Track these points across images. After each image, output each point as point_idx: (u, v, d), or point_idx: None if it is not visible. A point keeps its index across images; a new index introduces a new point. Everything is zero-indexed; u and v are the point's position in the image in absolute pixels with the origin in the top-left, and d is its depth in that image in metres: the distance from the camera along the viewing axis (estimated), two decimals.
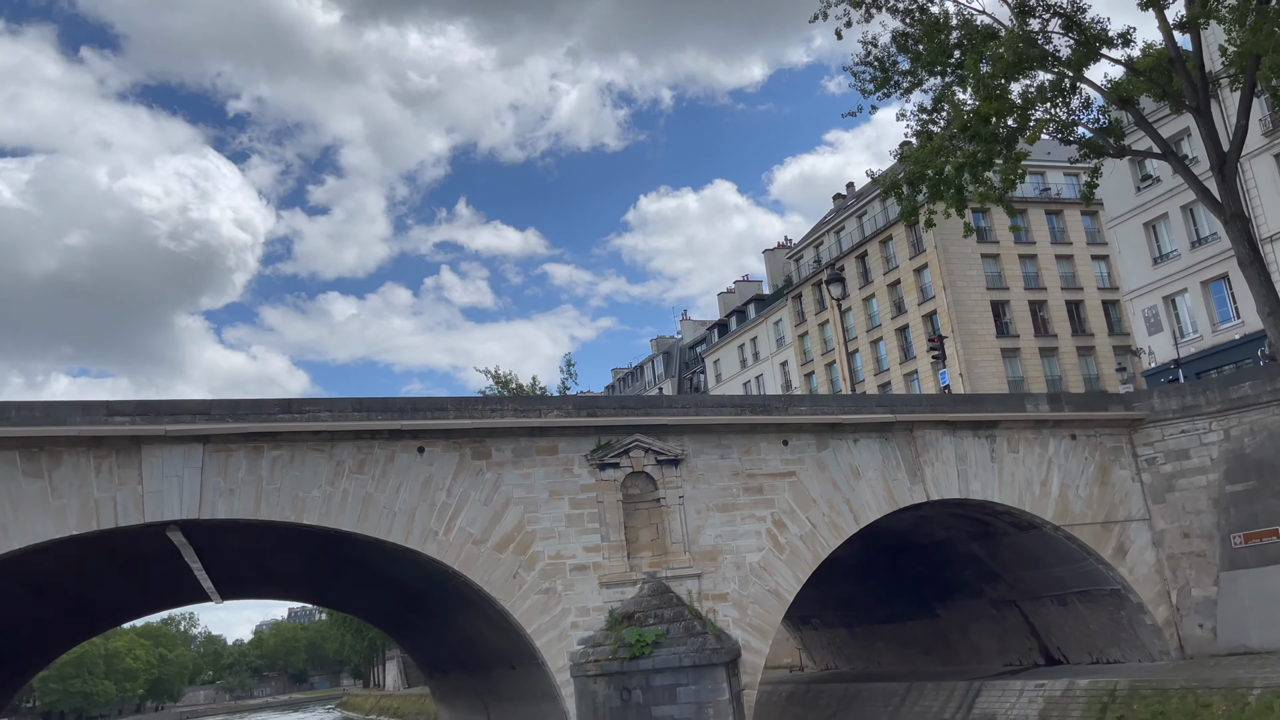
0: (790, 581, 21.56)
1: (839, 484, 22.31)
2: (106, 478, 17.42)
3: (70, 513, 17.18)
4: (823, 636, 37.39)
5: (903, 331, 51.69)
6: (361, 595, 30.51)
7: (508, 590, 19.28)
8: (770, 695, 35.01)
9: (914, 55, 24.49)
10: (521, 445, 19.96)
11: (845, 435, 22.60)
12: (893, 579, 30.79)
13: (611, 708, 18.33)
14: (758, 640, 20.81)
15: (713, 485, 21.22)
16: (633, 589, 19.85)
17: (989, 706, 24.36)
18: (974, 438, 23.61)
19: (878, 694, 29.04)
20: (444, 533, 19.05)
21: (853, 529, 22.35)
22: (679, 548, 20.55)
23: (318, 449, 18.69)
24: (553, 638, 19.31)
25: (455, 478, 19.36)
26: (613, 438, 20.56)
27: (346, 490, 18.71)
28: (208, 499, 17.96)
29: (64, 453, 17.26)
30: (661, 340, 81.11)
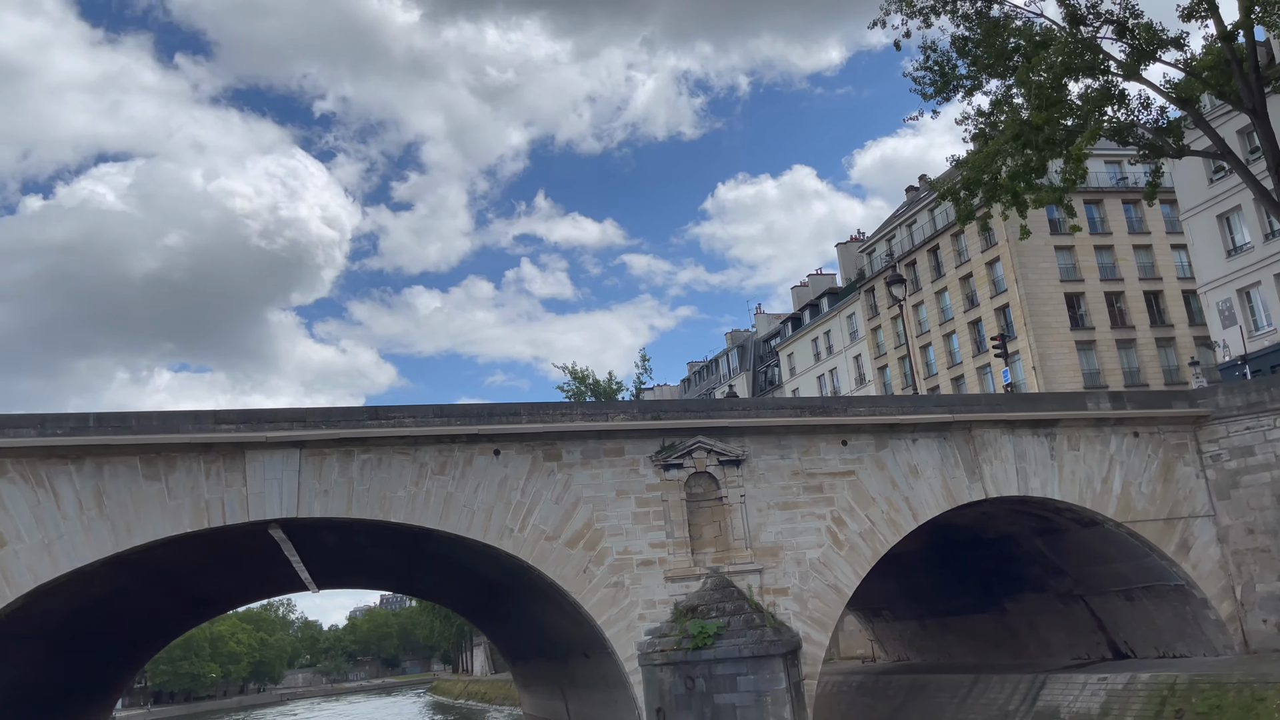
0: (849, 577, 22.38)
1: (897, 482, 23.03)
2: (215, 480, 19.20)
3: (184, 512, 19.01)
4: (894, 628, 37.93)
5: (975, 325, 51.48)
6: (447, 585, 32.27)
7: (579, 584, 20.55)
8: (841, 685, 35.82)
9: (973, 59, 24.93)
10: (590, 447, 21.19)
11: (904, 435, 23.28)
12: (960, 573, 31.26)
13: (676, 695, 19.46)
14: (818, 633, 21.69)
15: (773, 484, 22.15)
16: (696, 583, 20.93)
17: (1052, 699, 24.80)
18: (1033, 436, 24.04)
19: (945, 686, 29.61)
20: (519, 529, 20.41)
21: (911, 526, 23.04)
22: (741, 544, 21.55)
23: (403, 452, 20.21)
24: (621, 628, 20.52)
25: (529, 478, 20.69)
26: (676, 439, 21.65)
27: (429, 490, 20.19)
28: (304, 499, 19.62)
29: (178, 458, 19.09)
30: (736, 334, 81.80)
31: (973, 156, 23.56)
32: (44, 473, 18.43)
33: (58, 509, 18.38)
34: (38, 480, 18.38)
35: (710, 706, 19.05)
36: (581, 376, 61.84)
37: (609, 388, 62.37)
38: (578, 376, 61.78)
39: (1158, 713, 21.64)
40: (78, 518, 18.44)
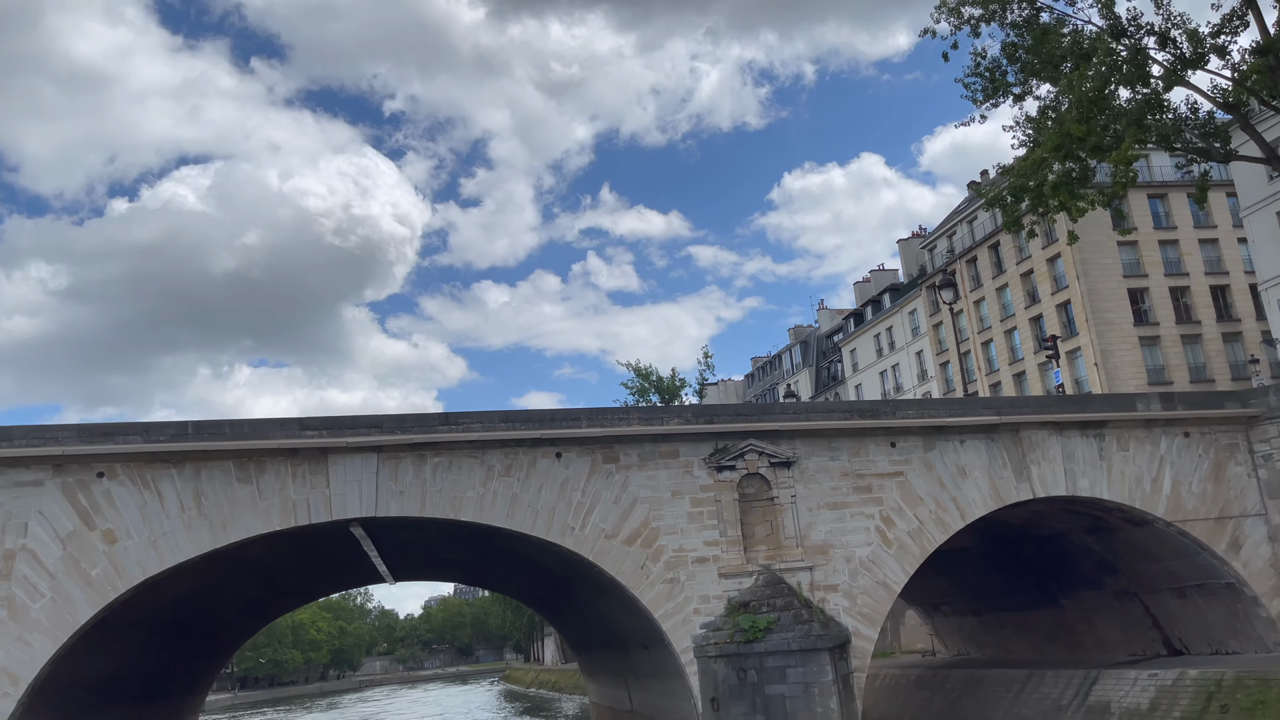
0: (898, 574, 23.20)
1: (945, 483, 23.75)
2: (301, 482, 20.84)
3: (273, 511, 20.69)
4: (953, 623, 38.44)
5: (1036, 321, 51.31)
6: (514, 579, 33.81)
7: (636, 579, 21.76)
8: (900, 679, 36.49)
9: (1023, 64, 25.37)
10: (646, 450, 22.37)
11: (951, 437, 23.99)
12: (1016, 569, 31.74)
13: (730, 685, 20.57)
14: (867, 627, 22.58)
15: (823, 485, 23.07)
16: (749, 580, 21.98)
17: (1104, 695, 25.26)
18: (1082, 437, 24.52)
19: (1000, 680, 30.15)
20: (580, 528, 21.70)
21: (959, 525, 23.75)
22: (792, 542, 22.53)
23: (471, 455, 21.64)
24: (677, 622, 21.68)
25: (588, 479, 21.96)
26: (729, 442, 22.72)
27: (496, 491, 21.59)
28: (382, 499, 21.17)
29: (268, 461, 20.78)
30: (799, 329, 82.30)
31: (1019, 164, 24.08)
32: (149, 476, 20.26)
33: (162, 509, 20.19)
34: (144, 483, 20.22)
35: (761, 697, 20.11)
36: (645, 374, 63.13)
37: (672, 384, 63.56)
38: (641, 374, 63.09)
39: (1204, 708, 22.06)
40: (179, 517, 20.23)
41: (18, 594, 19.16)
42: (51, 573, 19.41)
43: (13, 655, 18.81)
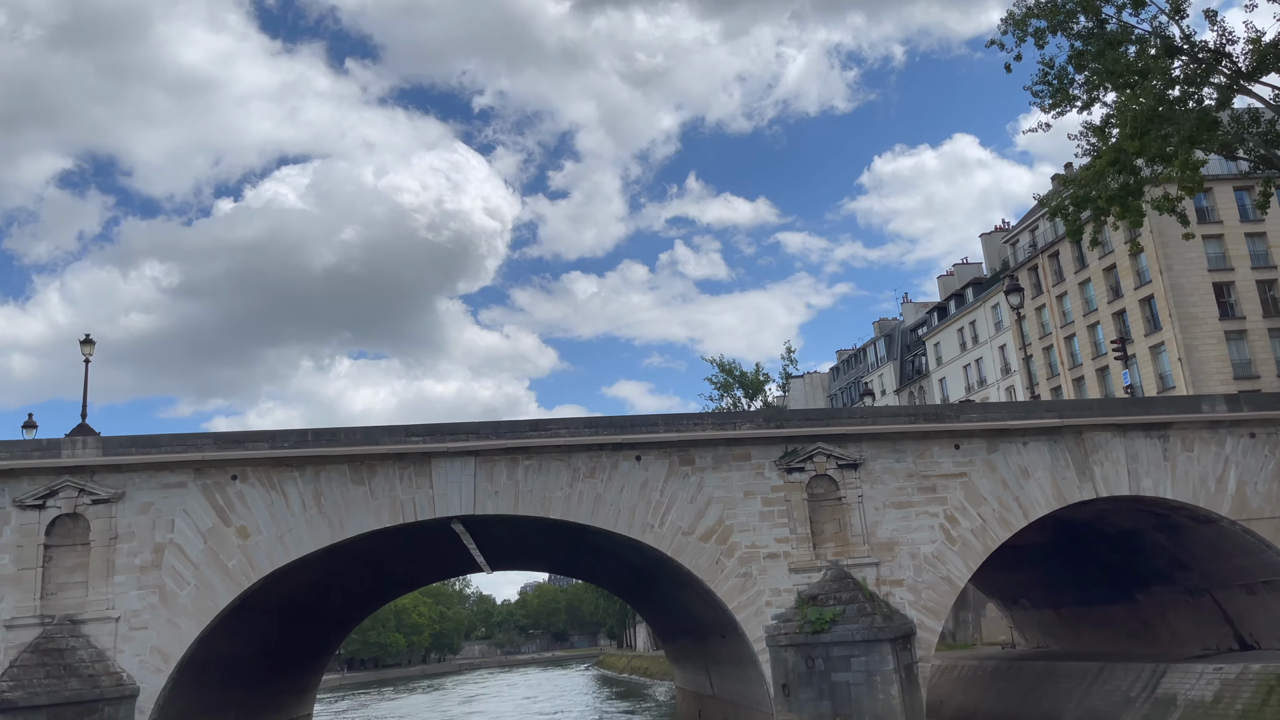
0: (961, 570, 24.37)
1: (1008, 483, 24.80)
2: (408, 484, 23.14)
3: (384, 510, 23.04)
4: (1031, 617, 39.12)
5: (1120, 316, 50.94)
6: (601, 570, 35.86)
7: (712, 573, 23.46)
8: (977, 670, 37.43)
9: (1090, 73, 26.08)
10: (720, 453, 24.03)
11: (1015, 439, 25.01)
12: (1090, 565, 32.41)
13: (799, 673, 22.14)
14: (931, 620, 23.84)
15: (889, 485, 24.39)
16: (817, 574, 23.46)
17: (1171, 687, 25.99)
18: (1146, 438, 25.25)
19: (1073, 673, 30.96)
20: (658, 525, 23.50)
21: (1021, 523, 24.77)
22: (859, 540, 23.93)
23: (559, 459, 23.63)
24: (750, 613, 23.32)
25: (666, 480, 23.73)
26: (798, 445, 24.21)
27: (582, 491, 23.53)
28: (479, 499, 23.33)
29: (378, 465, 23.12)
30: (883, 323, 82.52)
31: (1081, 174, 24.87)
32: (276, 478, 22.81)
33: (287, 508, 22.72)
34: (271, 484, 22.78)
35: (828, 683, 21.63)
36: (729, 369, 64.65)
37: (755, 379, 64.94)
38: (725, 369, 64.64)
39: (1264, 701, 22.71)
40: (302, 514, 22.73)
41: (167, 582, 21.89)
42: (195, 564, 22.10)
43: (164, 636, 21.55)
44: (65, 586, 21.68)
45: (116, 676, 20.90)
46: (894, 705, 21.02)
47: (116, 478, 22.24)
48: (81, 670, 20.54)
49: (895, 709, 20.99)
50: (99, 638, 21.34)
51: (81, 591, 21.69)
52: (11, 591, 21.37)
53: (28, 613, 21.23)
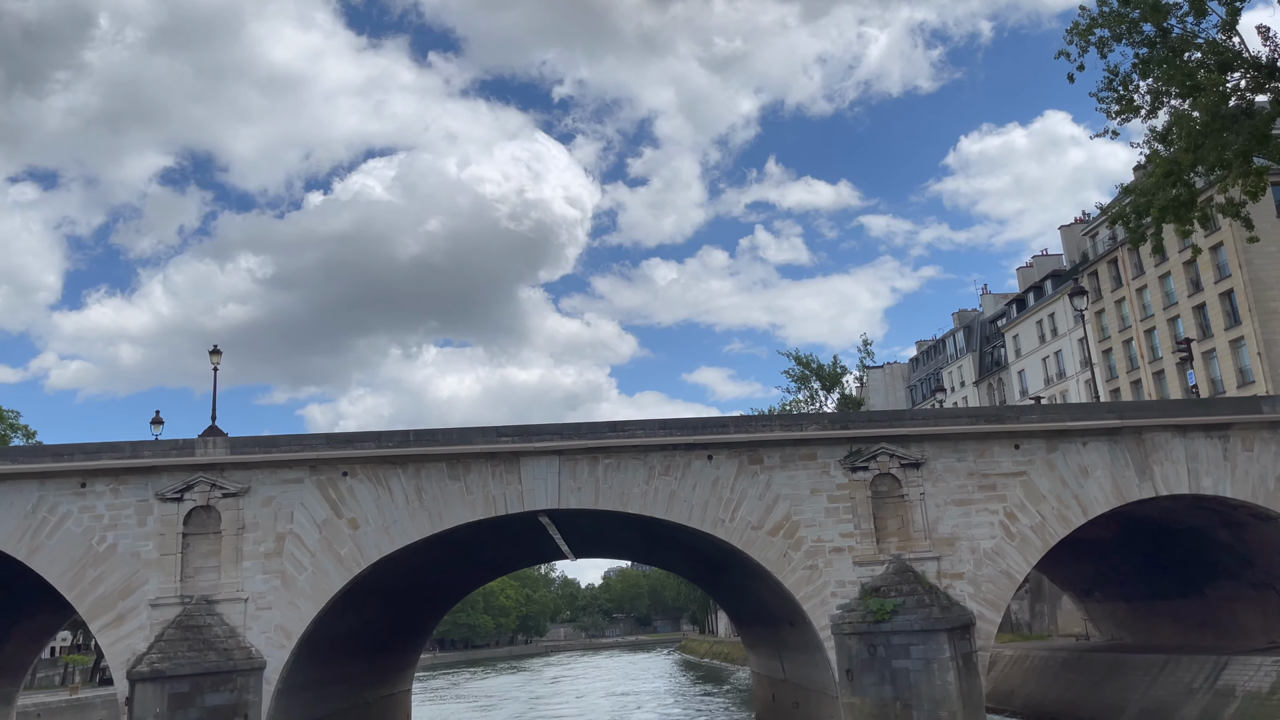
0: (1020, 564, 25.52)
1: (1067, 481, 25.81)
2: (499, 480, 25.30)
3: (478, 503, 25.24)
4: (1104, 609, 39.75)
5: (1200, 310, 50.50)
6: (678, 560, 37.71)
7: (780, 566, 25.09)
8: (1049, 660, 38.28)
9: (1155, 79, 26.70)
10: (787, 453, 25.60)
11: (1074, 439, 25.98)
12: (1159, 560, 33.07)
13: (862, 659, 23.65)
14: (990, 612, 25.06)
15: (950, 483, 25.64)
16: (880, 568, 24.89)
17: (1231, 679, 26.76)
18: (1206, 438, 25.97)
19: (1139, 665, 31.76)
20: (729, 520, 25.21)
21: (1080, 520, 25.77)
22: (920, 535, 25.27)
23: (636, 457, 25.50)
24: (816, 603, 24.88)
25: (736, 478, 25.42)
26: (862, 446, 25.63)
27: (657, 488, 25.38)
28: (563, 494, 25.36)
29: (472, 463, 25.33)
30: (963, 314, 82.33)
31: (1140, 182, 25.59)
32: (382, 474, 25.20)
33: (391, 501, 25.09)
34: (378, 480, 25.17)
35: (888, 669, 23.10)
36: (805, 362, 65.78)
37: (833, 371, 65.91)
38: (802, 362, 65.80)
39: None
40: (405, 507, 25.07)
41: (288, 568, 24.48)
42: (311, 551, 24.64)
43: (287, 616, 24.14)
44: (200, 570, 24.42)
45: (246, 651, 23.56)
46: (950, 691, 22.39)
47: (243, 474, 24.90)
48: (217, 645, 23.24)
49: (951, 694, 22.36)
50: (230, 616, 24.03)
51: (215, 575, 24.41)
52: (155, 574, 24.20)
53: (170, 593, 24.03)
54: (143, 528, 24.49)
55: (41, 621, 38.09)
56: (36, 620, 37.33)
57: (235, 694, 22.88)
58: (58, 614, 38.92)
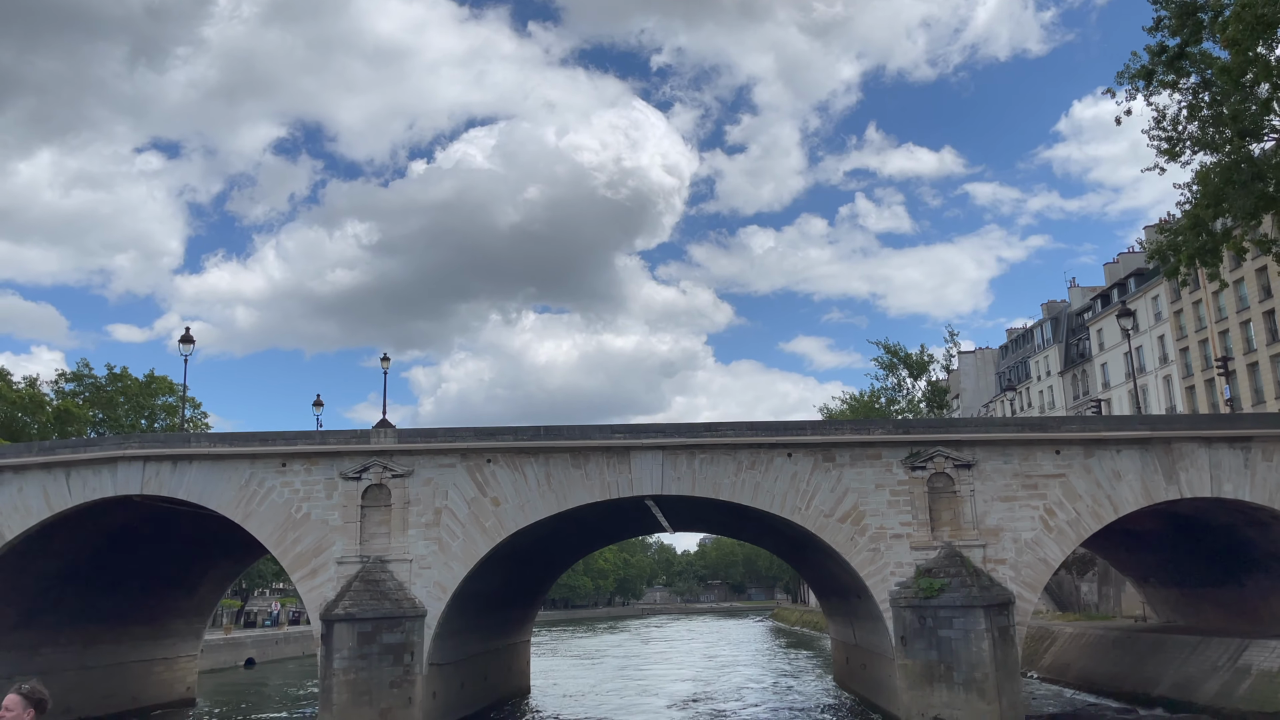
0: (1056, 553, 29.68)
1: (1101, 483, 29.78)
2: (612, 470, 30.60)
3: (595, 488, 30.61)
4: (1160, 594, 43.27)
5: (1269, 315, 52.34)
6: (763, 537, 42.66)
7: (847, 548, 29.81)
8: (1101, 639, 42.08)
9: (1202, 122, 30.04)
10: (856, 453, 30.20)
11: (1109, 447, 29.89)
12: (1202, 551, 36.60)
13: (913, 628, 28.28)
14: (1028, 593, 29.33)
15: (997, 483, 29.89)
16: (933, 553, 29.37)
17: (1249, 659, 30.48)
18: (1229, 449, 29.57)
19: (1176, 645, 35.51)
20: (805, 509, 30.01)
21: (1111, 517, 29.73)
22: (969, 526, 29.63)
23: (727, 454, 30.47)
24: (877, 580, 29.55)
25: (812, 474, 30.16)
26: (921, 448, 30.06)
27: (744, 480, 30.31)
28: (665, 483, 30.51)
29: (591, 455, 30.68)
30: (1051, 305, 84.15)
31: (1176, 224, 29.16)
32: (518, 462, 30.77)
33: (526, 484, 30.66)
34: (514, 467, 30.76)
35: (935, 637, 27.69)
36: (894, 350, 69.54)
37: (920, 359, 69.58)
38: (891, 350, 69.58)
39: None
40: (537, 490, 30.61)
41: (444, 536, 30.33)
42: (462, 523, 30.43)
43: (443, 575, 30.01)
44: (374, 536, 30.49)
45: (412, 601, 29.54)
46: (984, 657, 26.87)
47: (408, 459, 30.80)
48: (391, 596, 29.28)
49: (985, 660, 26.84)
50: (399, 573, 30.05)
51: (386, 540, 30.44)
52: (340, 538, 30.36)
53: (352, 554, 30.15)
54: (330, 500, 30.64)
55: (226, 570, 45.60)
56: (222, 569, 44.79)
57: (404, 635, 28.90)
58: (238, 564, 46.40)
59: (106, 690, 37.81)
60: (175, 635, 42.76)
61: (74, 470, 31.32)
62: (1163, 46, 28.50)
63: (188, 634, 44.02)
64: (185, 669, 44.08)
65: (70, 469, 31.35)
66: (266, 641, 72.97)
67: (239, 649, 66.87)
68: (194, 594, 43.10)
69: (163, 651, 42.06)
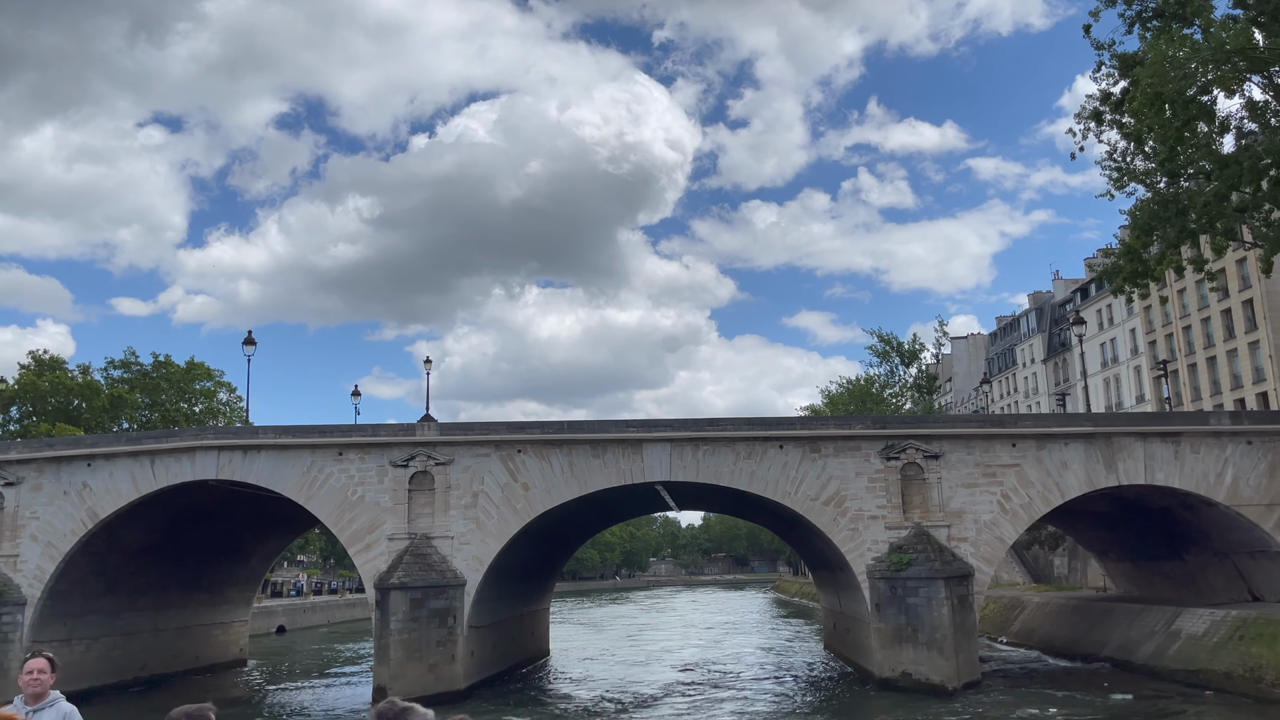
0: (1010, 532, 34.29)
1: (1051, 472, 34.33)
2: (627, 459, 35.19)
3: (612, 475, 35.19)
4: (1117, 567, 47.99)
5: (1226, 314, 56.63)
6: (761, 516, 47.37)
7: (831, 528, 34.41)
8: (1063, 607, 46.86)
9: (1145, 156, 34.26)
10: (838, 445, 34.74)
11: (1058, 440, 34.41)
12: (1149, 530, 41.19)
13: (886, 596, 32.92)
14: (986, 566, 33.94)
15: (960, 471, 34.43)
16: (904, 532, 33.96)
17: (1180, 625, 35.13)
18: (1161, 443, 34.08)
19: (1123, 612, 40.24)
20: (794, 493, 34.61)
21: (1059, 501, 34.30)
22: (936, 509, 34.20)
23: (726, 445, 35.03)
24: (856, 555, 34.17)
25: (800, 463, 34.73)
26: (895, 441, 34.59)
27: (742, 468, 34.88)
28: (673, 470, 35.10)
29: (608, 446, 35.27)
30: (1038, 295, 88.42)
31: (1121, 247, 33.49)
32: (545, 452, 35.37)
33: (552, 471, 35.27)
34: (541, 456, 35.36)
35: (903, 604, 32.34)
36: (888, 340, 74.02)
37: (912, 348, 74.08)
38: (884, 339, 74.06)
39: (1230, 635, 31.76)
40: (561, 476, 35.23)
41: (481, 516, 34.99)
42: (496, 505, 35.08)
43: (481, 549, 34.71)
44: (420, 516, 35.15)
45: (454, 573, 34.26)
46: (944, 621, 31.52)
47: (448, 449, 35.41)
48: (436, 567, 33.99)
49: (945, 623, 31.50)
50: (442, 548, 34.73)
51: (429, 519, 35.10)
52: (390, 518, 35.02)
53: (401, 532, 34.82)
54: (381, 485, 35.29)
55: (274, 545, 50.53)
56: (271, 543, 49.68)
57: (448, 601, 33.63)
58: (285, 538, 51.31)
59: (175, 650, 42.81)
60: (230, 602, 47.72)
61: (158, 458, 35.99)
62: (1107, 93, 32.74)
63: (240, 601, 49.01)
64: (239, 632, 49.12)
65: (155, 457, 36.02)
66: (295, 610, 78.29)
67: (270, 617, 72.02)
68: (247, 565, 48.02)
69: (220, 617, 47.03)
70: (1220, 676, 30.08)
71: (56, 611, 35.98)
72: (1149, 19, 31.66)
